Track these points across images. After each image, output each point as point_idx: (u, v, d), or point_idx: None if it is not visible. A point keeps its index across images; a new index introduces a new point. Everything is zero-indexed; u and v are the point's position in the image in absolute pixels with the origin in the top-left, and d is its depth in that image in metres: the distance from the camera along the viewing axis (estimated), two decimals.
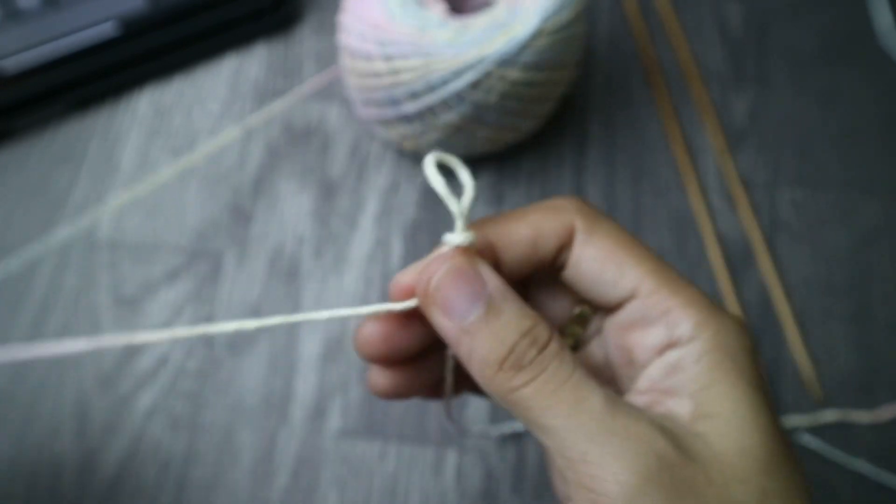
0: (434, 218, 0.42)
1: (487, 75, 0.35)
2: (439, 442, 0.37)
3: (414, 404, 0.38)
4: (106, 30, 0.42)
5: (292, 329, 0.39)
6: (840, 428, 0.37)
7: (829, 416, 0.37)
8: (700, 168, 0.43)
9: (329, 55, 0.46)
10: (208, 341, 0.39)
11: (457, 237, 0.21)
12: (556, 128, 0.44)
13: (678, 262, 0.41)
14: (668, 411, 0.20)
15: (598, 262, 0.21)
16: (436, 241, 0.42)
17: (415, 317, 0.22)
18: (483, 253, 0.21)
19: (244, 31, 0.46)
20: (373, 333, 0.22)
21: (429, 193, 0.42)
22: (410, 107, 0.37)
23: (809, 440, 0.36)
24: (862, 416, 0.37)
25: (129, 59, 0.44)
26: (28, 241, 0.41)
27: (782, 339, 0.39)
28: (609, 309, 0.22)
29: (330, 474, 0.36)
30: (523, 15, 0.35)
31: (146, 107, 0.45)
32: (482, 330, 0.19)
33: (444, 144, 0.39)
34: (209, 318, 0.39)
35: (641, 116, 0.45)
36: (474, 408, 0.37)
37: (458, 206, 0.21)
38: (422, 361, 0.23)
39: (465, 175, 0.22)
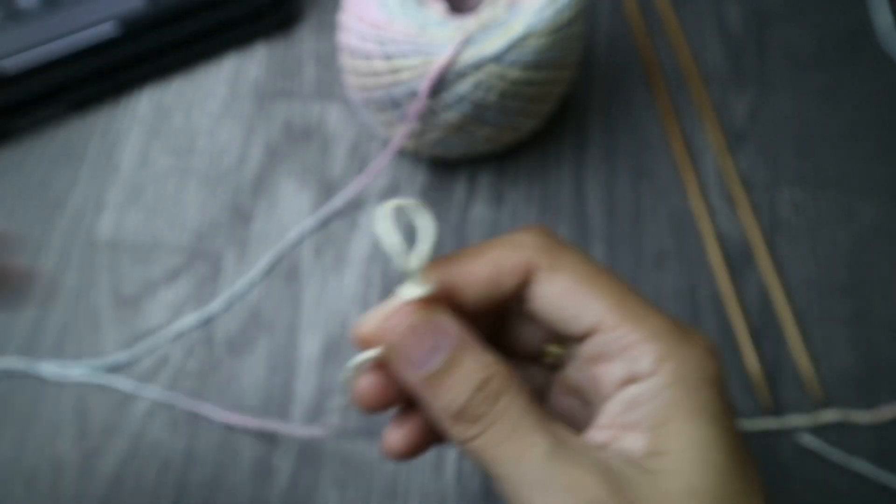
0: (434, 218, 0.42)
1: (487, 74, 0.35)
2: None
3: None
4: (106, 30, 0.42)
5: (292, 329, 0.39)
6: (840, 428, 0.37)
7: (829, 416, 0.37)
8: (700, 168, 0.43)
9: (329, 55, 0.46)
10: (208, 341, 0.39)
11: (410, 292, 0.21)
12: (556, 128, 0.44)
13: (678, 262, 0.41)
14: (625, 447, 0.20)
15: (560, 298, 0.21)
16: (436, 242, 0.42)
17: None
18: (442, 295, 0.21)
19: (244, 31, 0.46)
20: (369, 384, 0.23)
21: (429, 194, 0.42)
22: (410, 106, 0.37)
23: (809, 440, 0.36)
24: (862, 416, 0.37)
25: (129, 59, 0.44)
26: (28, 241, 0.41)
27: (782, 339, 0.39)
28: (578, 339, 0.22)
29: (330, 474, 0.36)
30: (523, 14, 0.35)
31: (146, 107, 0.45)
32: (441, 383, 0.20)
33: (443, 144, 0.39)
34: (209, 319, 0.39)
35: (641, 116, 0.45)
36: None
37: (408, 264, 0.21)
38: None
39: (425, 222, 0.21)
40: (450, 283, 0.22)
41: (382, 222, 0.20)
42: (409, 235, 0.21)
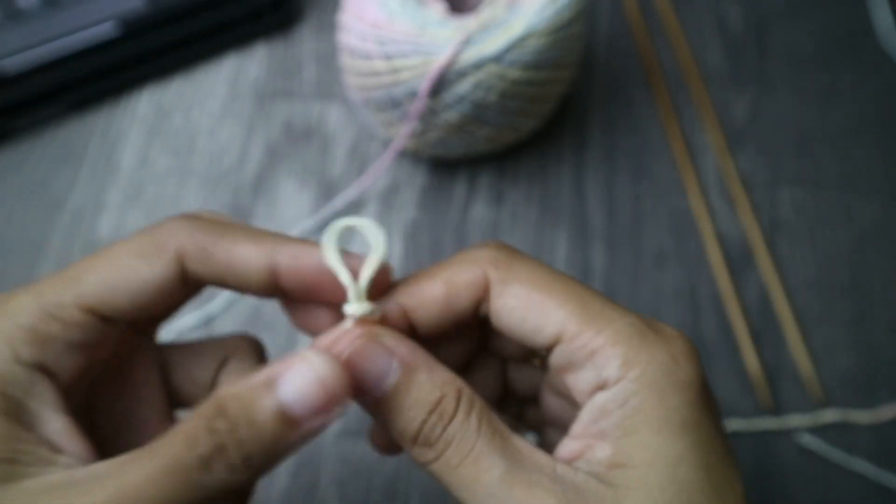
0: (434, 218, 0.42)
1: (487, 74, 0.35)
2: None
3: None
4: (106, 30, 0.42)
5: (292, 329, 0.39)
6: (840, 428, 0.37)
7: (829, 416, 0.37)
8: (700, 168, 0.43)
9: (329, 55, 0.46)
10: None
11: (355, 309, 0.20)
12: (556, 128, 0.44)
13: (678, 262, 0.41)
14: (594, 458, 0.19)
15: (518, 311, 0.21)
16: (436, 241, 0.42)
17: None
18: (394, 317, 0.21)
19: (244, 31, 0.46)
20: (381, 432, 0.23)
21: (428, 194, 0.42)
22: (410, 106, 0.37)
23: (809, 440, 0.36)
24: (862, 416, 0.37)
25: (129, 59, 0.44)
26: (28, 241, 0.41)
27: (782, 339, 0.39)
28: (546, 349, 0.21)
29: (330, 474, 0.36)
30: (523, 14, 0.35)
31: (146, 107, 0.45)
32: (394, 406, 0.20)
33: (444, 144, 0.39)
34: (209, 319, 0.39)
35: (641, 116, 0.45)
36: None
37: (350, 281, 0.20)
38: None
39: (376, 240, 0.21)
40: (401, 306, 0.21)
41: (328, 243, 0.20)
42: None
